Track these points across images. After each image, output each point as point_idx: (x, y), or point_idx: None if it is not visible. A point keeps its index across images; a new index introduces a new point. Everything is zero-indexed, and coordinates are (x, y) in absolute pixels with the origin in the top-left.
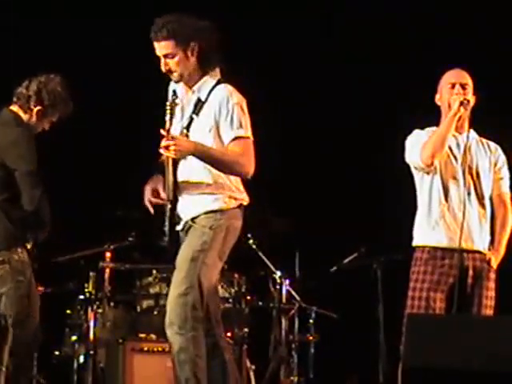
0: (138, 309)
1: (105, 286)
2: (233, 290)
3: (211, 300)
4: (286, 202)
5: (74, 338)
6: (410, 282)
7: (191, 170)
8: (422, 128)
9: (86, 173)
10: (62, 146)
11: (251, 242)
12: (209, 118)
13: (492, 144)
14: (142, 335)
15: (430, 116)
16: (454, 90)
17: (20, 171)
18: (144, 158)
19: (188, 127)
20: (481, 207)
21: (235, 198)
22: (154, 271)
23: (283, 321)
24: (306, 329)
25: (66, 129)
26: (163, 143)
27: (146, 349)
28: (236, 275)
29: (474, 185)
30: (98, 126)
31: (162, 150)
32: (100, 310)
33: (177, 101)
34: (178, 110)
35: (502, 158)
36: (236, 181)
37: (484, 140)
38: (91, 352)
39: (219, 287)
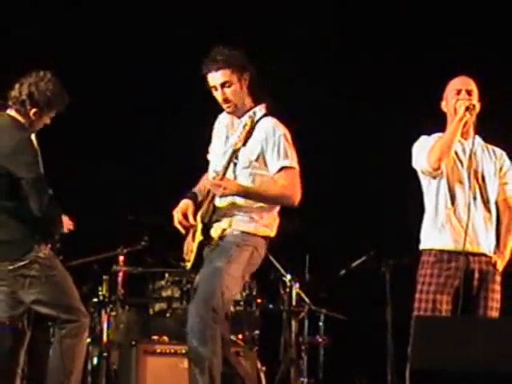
0: (151, 311)
1: (118, 289)
2: (244, 293)
3: (223, 325)
4: (296, 208)
5: (87, 340)
6: (418, 284)
7: (234, 197)
8: (429, 134)
9: (100, 179)
10: (77, 151)
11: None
12: (255, 148)
13: (497, 150)
14: (155, 337)
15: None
16: (460, 96)
17: (26, 179)
18: (158, 166)
19: (235, 156)
20: (486, 211)
21: (270, 228)
22: (167, 275)
23: (293, 323)
24: (315, 331)
25: (80, 134)
26: (215, 182)
27: (158, 351)
28: (247, 279)
29: (480, 189)
30: (114, 132)
31: (211, 186)
32: (113, 313)
33: (226, 134)
34: (223, 135)
35: (507, 163)
36: (271, 215)
37: (489, 146)
38: (105, 354)
39: None
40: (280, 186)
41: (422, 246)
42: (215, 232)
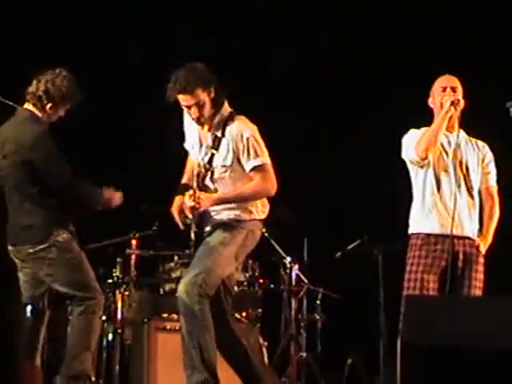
0: (161, 291)
1: (131, 271)
2: (247, 275)
3: (226, 299)
4: (295, 194)
5: (103, 317)
6: (406, 265)
7: (222, 185)
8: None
9: (115, 170)
10: (94, 142)
11: (264, 230)
12: (228, 152)
13: (480, 142)
14: (165, 315)
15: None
16: (446, 93)
17: (49, 166)
18: (168, 158)
19: (210, 162)
20: (470, 198)
21: (258, 212)
22: (176, 257)
23: (293, 302)
24: (313, 309)
25: (95, 126)
26: (189, 203)
27: (168, 327)
28: (250, 261)
29: (464, 178)
30: (127, 122)
31: (187, 207)
32: (127, 293)
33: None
34: (195, 142)
35: (489, 155)
36: (262, 200)
37: (473, 139)
38: (119, 331)
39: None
40: (253, 185)
41: (410, 231)
42: (211, 221)
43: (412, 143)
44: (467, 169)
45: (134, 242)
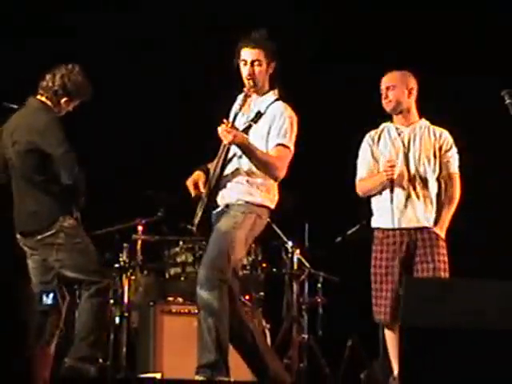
0: (167, 275)
1: (137, 256)
2: (250, 259)
3: (234, 282)
4: (296, 180)
5: (110, 301)
6: (371, 259)
7: (240, 165)
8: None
9: (120, 159)
10: (104, 133)
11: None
12: (264, 128)
13: (439, 130)
14: (171, 299)
15: None
16: (383, 98)
17: (58, 153)
18: (175, 148)
19: (246, 132)
20: (425, 189)
21: (268, 199)
22: (181, 242)
23: (294, 285)
24: (314, 292)
25: (105, 117)
26: (225, 128)
27: (174, 311)
28: (253, 245)
29: (419, 171)
30: (132, 111)
31: (221, 133)
32: (133, 277)
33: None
34: (238, 112)
35: (448, 142)
36: (274, 186)
37: (433, 127)
38: (125, 314)
39: None
40: (274, 157)
41: (372, 225)
42: (222, 199)
43: (358, 173)
44: (422, 161)
45: (140, 227)
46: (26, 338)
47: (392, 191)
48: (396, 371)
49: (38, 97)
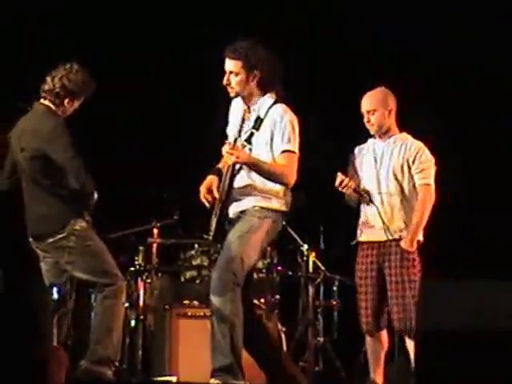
0: (182, 279)
1: (152, 259)
2: (265, 262)
3: (248, 286)
4: (309, 183)
5: (125, 304)
6: (355, 271)
7: (250, 174)
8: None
9: (137, 162)
10: (119, 136)
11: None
12: (266, 133)
13: (411, 143)
14: (186, 302)
15: None
16: (365, 121)
17: (64, 159)
18: (191, 151)
19: (249, 140)
20: (399, 202)
21: (282, 204)
22: (196, 245)
23: (310, 288)
24: (330, 295)
25: (115, 113)
26: (228, 149)
27: (189, 314)
28: (268, 248)
29: (392, 184)
30: (148, 113)
31: (224, 154)
32: (148, 280)
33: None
34: (240, 117)
35: (417, 155)
36: (286, 193)
37: (406, 140)
38: (141, 317)
39: None
40: (281, 166)
41: (356, 239)
42: (235, 208)
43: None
44: (396, 175)
45: (155, 230)
46: (42, 341)
47: (366, 205)
48: (372, 374)
49: (42, 101)
